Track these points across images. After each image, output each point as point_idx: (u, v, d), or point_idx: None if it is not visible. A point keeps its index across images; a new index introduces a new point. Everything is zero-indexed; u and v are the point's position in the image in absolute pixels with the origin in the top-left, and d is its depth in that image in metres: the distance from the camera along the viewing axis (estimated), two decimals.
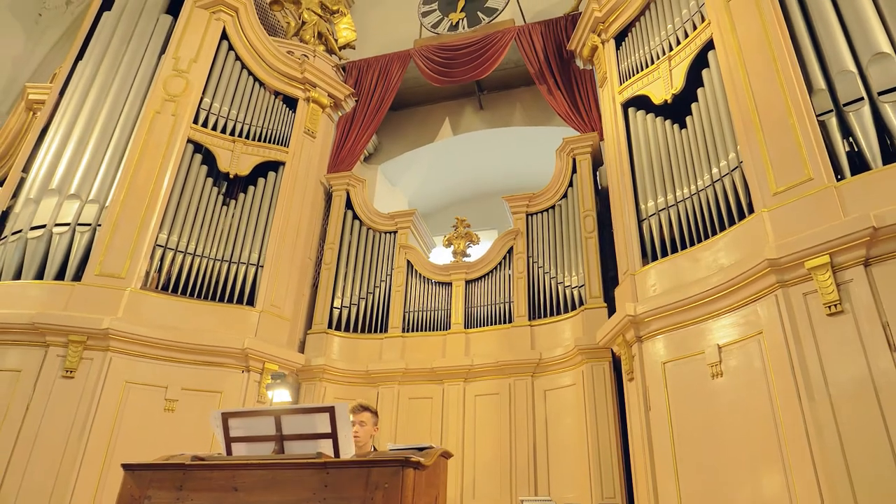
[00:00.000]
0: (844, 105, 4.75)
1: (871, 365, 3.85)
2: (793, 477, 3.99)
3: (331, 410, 3.40)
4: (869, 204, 4.22)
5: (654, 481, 4.81)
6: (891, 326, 3.87)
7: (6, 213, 7.12)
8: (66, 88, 7.83)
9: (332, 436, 3.38)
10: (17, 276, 6.34)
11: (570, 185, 7.01)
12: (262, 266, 6.84)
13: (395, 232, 7.53)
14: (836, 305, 4.09)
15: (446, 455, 3.55)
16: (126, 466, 3.49)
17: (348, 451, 3.39)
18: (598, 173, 7.22)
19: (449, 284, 7.04)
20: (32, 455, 5.34)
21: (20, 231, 6.59)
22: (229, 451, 3.57)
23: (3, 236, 6.80)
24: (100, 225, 6.48)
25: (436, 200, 10.04)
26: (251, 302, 6.67)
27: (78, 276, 6.23)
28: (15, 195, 7.24)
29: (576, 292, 6.41)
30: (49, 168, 6.97)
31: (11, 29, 10.93)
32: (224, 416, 3.56)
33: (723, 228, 5.11)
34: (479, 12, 8.51)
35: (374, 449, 4.28)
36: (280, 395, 4.85)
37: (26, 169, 7.39)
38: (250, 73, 7.91)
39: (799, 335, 4.21)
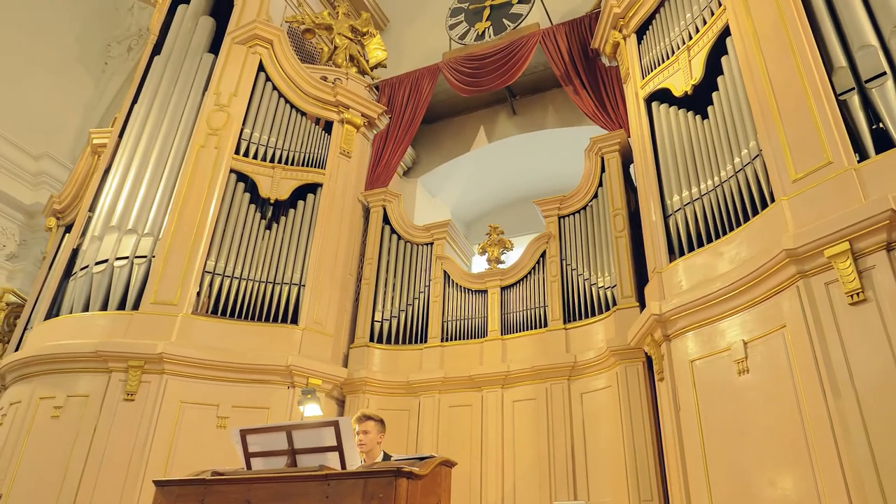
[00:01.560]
0: (866, 81, 4.53)
1: None
2: (820, 475, 3.83)
3: (335, 424, 3.59)
4: (891, 185, 4.01)
5: (686, 482, 4.71)
6: None
7: (76, 251, 7.76)
8: (124, 131, 8.44)
9: (339, 448, 3.55)
10: (86, 308, 6.89)
11: (601, 184, 6.95)
12: (303, 285, 7.14)
13: (431, 243, 7.68)
14: (858, 294, 3.91)
15: (448, 464, 3.65)
16: (157, 482, 3.80)
17: (354, 463, 3.56)
18: (630, 171, 7.12)
19: (485, 292, 7.10)
20: (100, 474, 5.80)
21: (87, 266, 7.16)
22: (248, 466, 3.81)
23: (73, 272, 7.41)
24: (154, 256, 6.96)
25: (477, 209, 10.12)
26: (295, 320, 6.97)
27: (136, 305, 6.70)
28: (83, 234, 7.86)
29: (609, 293, 6.34)
30: (110, 206, 7.54)
31: (81, 79, 11.90)
32: (242, 433, 3.81)
33: (746, 220, 4.95)
34: (504, 19, 8.57)
35: (385, 455, 4.44)
36: (311, 410, 5.07)
37: (92, 208, 8.03)
38: (287, 101, 8.28)
39: (822, 327, 4.04)
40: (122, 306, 6.77)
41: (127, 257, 7.03)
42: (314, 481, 3.29)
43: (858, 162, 4.30)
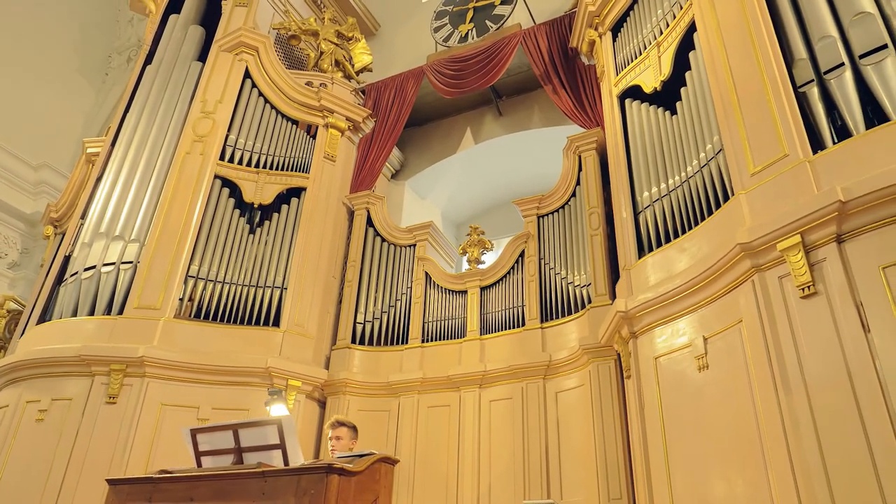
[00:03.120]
0: (825, 73, 4.48)
1: (846, 349, 3.60)
2: (771, 472, 3.78)
3: (278, 423, 3.64)
4: (844, 176, 3.96)
5: (649, 481, 4.68)
6: (864, 307, 3.61)
7: (68, 258, 7.92)
8: (117, 139, 8.60)
9: (282, 446, 3.60)
10: (74, 313, 7.02)
11: (578, 183, 6.93)
12: (285, 288, 7.21)
13: (414, 245, 7.70)
14: (809, 287, 3.86)
15: (389, 461, 3.68)
16: (109, 481, 3.88)
17: (297, 460, 3.61)
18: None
19: (464, 292, 7.12)
20: (81, 476, 5.90)
21: (77, 273, 7.30)
22: (199, 464, 3.87)
23: (64, 279, 7.57)
24: (139, 262, 7.08)
25: (467, 210, 10.11)
26: (276, 323, 7.04)
27: (121, 310, 6.81)
28: (75, 241, 8.03)
29: (584, 291, 6.32)
30: (100, 213, 7.68)
31: (82, 89, 12.15)
32: (192, 432, 3.88)
33: (710, 214, 4.91)
34: (487, 20, 8.59)
35: None
36: (277, 410, 5.13)
37: (84, 216, 8.19)
38: (272, 107, 8.37)
39: (775, 321, 4.00)
40: (108, 311, 6.89)
41: (114, 263, 7.16)
42: (252, 478, 3.34)
43: (815, 154, 4.25)
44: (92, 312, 6.93)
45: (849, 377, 3.55)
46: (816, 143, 4.35)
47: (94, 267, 7.21)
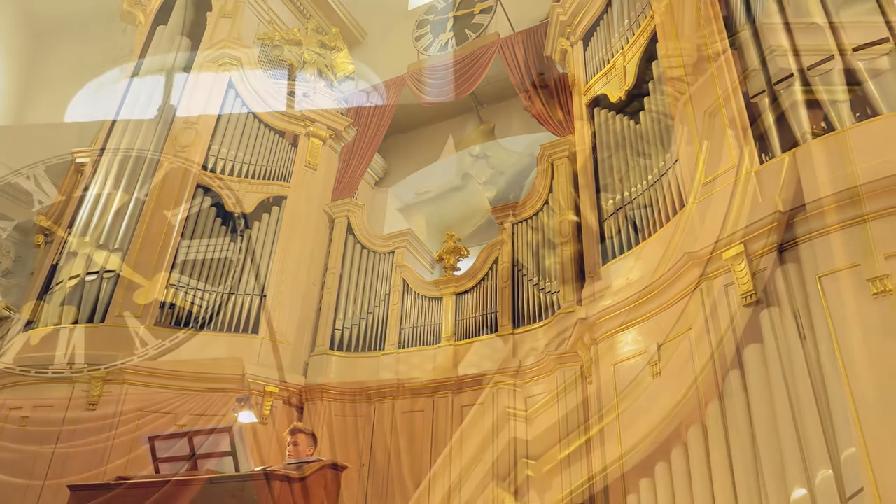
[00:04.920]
0: (776, 83, 4.56)
1: (783, 357, 3.68)
2: (716, 480, 3.86)
3: (229, 431, 3.76)
4: (787, 186, 4.03)
5: (605, 490, 4.76)
6: (801, 315, 3.69)
7: (54, 267, 8.07)
8: (105, 149, 8.75)
9: (233, 453, 3.72)
10: (58, 321, 7.16)
11: (551, 190, 7.01)
12: (265, 296, 7.33)
13: (392, 252, 7.81)
14: (751, 295, 3.94)
15: (336, 467, 3.78)
16: (70, 487, 4.00)
17: (247, 467, 3.72)
18: None
19: (440, 299, 7.21)
20: (62, 480, 6.01)
21: (62, 281, 7.45)
22: (157, 470, 4.00)
23: (51, 287, 7.73)
24: (121, 271, 7.21)
25: (451, 216, 10.19)
26: (255, 330, 7.17)
27: (103, 318, 6.96)
28: (61, 250, 8.17)
29: (555, 297, 6.40)
30: (85, 223, 7.83)
31: (78, 99, 12.30)
32: (151, 440, 4.00)
33: (667, 222, 4.99)
34: (466, 30, 8.70)
35: None
36: (245, 417, 5.24)
37: (71, 225, 8.34)
38: (255, 117, 8.51)
39: (720, 328, 4.08)
40: (91, 319, 7.02)
41: (97, 272, 7.30)
42: (202, 484, 3.46)
43: (762, 164, 4.33)
44: (75, 321, 7.07)
45: (785, 384, 3.62)
46: (768, 153, 4.43)
47: (78, 276, 7.35)
